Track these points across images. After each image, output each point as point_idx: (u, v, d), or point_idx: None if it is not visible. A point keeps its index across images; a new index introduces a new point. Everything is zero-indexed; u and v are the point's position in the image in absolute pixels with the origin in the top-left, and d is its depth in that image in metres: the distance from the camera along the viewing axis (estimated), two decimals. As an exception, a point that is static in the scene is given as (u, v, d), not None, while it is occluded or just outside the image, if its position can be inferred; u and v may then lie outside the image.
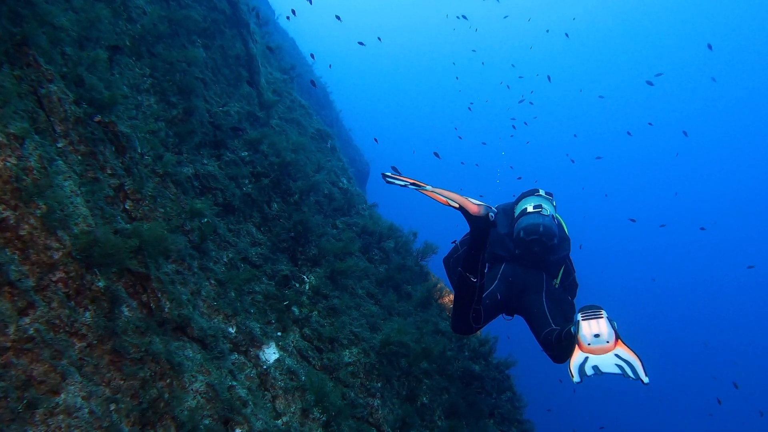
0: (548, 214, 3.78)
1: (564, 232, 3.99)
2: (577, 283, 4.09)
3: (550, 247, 3.74)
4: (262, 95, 5.95)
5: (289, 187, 5.01)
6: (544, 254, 3.75)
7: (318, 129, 7.00)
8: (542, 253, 3.74)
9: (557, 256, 3.86)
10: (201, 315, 3.42)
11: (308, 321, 4.02)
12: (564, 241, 3.93)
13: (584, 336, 2.85)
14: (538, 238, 3.67)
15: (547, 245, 3.71)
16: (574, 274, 4.06)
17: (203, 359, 3.17)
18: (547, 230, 3.66)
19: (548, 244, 3.71)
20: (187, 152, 4.30)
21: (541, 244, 3.70)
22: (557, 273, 3.91)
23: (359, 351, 4.02)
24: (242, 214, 4.44)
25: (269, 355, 3.67)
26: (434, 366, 4.62)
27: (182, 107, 4.41)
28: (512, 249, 3.89)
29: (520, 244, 3.79)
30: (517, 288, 3.75)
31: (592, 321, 2.90)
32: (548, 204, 3.92)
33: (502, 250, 3.93)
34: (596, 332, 2.83)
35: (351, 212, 5.95)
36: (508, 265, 3.85)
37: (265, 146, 5.22)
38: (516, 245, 3.83)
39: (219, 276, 3.75)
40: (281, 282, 4.17)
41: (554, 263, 3.87)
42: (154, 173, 3.67)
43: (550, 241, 3.71)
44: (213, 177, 4.33)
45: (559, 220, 4.04)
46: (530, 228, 3.68)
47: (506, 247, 3.92)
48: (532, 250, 3.74)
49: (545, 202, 3.91)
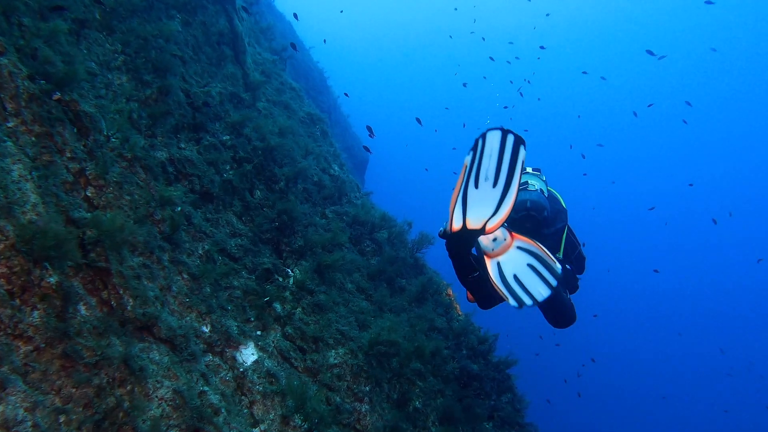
0: (535, 189, 3.78)
1: (559, 205, 3.96)
2: (584, 255, 4.05)
3: (542, 221, 3.70)
4: (247, 76, 5.66)
5: (274, 173, 4.75)
6: (538, 228, 3.73)
7: (309, 113, 6.71)
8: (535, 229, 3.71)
9: (552, 228, 3.83)
10: (171, 313, 3.18)
11: (291, 319, 3.79)
12: (559, 213, 3.90)
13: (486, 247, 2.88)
14: (527, 213, 3.66)
15: (537, 219, 3.67)
16: (580, 248, 4.01)
17: (171, 362, 2.93)
18: (534, 204, 3.64)
19: (538, 218, 3.67)
20: (161, 135, 4.03)
21: (532, 219, 3.68)
22: (558, 246, 3.86)
23: (346, 351, 3.79)
24: (222, 202, 4.18)
25: (247, 357, 3.44)
26: (428, 366, 4.39)
27: (157, 87, 4.13)
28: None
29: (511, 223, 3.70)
30: None
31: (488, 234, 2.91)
32: (535, 179, 3.93)
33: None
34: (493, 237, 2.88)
35: (342, 201, 5.69)
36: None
37: (249, 129, 4.95)
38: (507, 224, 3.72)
39: (193, 270, 3.50)
40: (262, 276, 3.93)
41: (551, 236, 3.83)
42: (121, 157, 3.41)
43: (540, 215, 3.67)
44: (190, 162, 4.07)
45: (553, 193, 4.05)
46: (518, 206, 3.65)
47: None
48: (525, 226, 3.69)
49: (532, 178, 3.93)
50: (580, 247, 3.99)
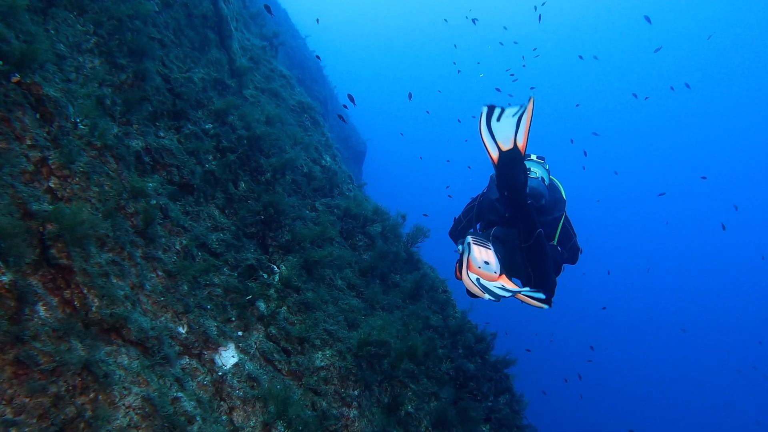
0: (537, 177, 3.88)
1: (559, 195, 4.03)
2: (580, 248, 4.12)
3: (539, 208, 3.77)
4: (233, 61, 5.43)
5: (260, 164, 4.53)
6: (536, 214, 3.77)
7: (300, 101, 6.47)
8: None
9: (549, 217, 3.90)
10: (143, 313, 2.99)
11: (275, 318, 3.59)
12: (557, 203, 3.98)
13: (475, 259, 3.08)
14: None
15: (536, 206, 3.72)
16: (576, 239, 4.08)
17: (141, 367, 2.74)
18: (533, 191, 3.73)
19: (536, 205, 3.73)
20: (137, 123, 3.81)
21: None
22: (554, 234, 3.93)
23: (333, 353, 3.59)
24: (203, 194, 3.97)
25: (227, 359, 3.25)
26: (422, 368, 4.21)
27: (132, 71, 3.90)
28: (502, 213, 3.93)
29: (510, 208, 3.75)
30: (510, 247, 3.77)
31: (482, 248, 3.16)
32: (538, 167, 4.00)
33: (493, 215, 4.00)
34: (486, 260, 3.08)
35: (333, 192, 5.48)
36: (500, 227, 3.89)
37: (234, 118, 4.73)
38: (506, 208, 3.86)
39: (169, 267, 3.30)
40: (246, 273, 3.73)
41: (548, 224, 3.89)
42: (89, 146, 3.20)
43: (538, 202, 3.75)
44: (168, 152, 3.85)
45: (554, 182, 4.12)
46: None
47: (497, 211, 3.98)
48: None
49: (535, 166, 4.00)
50: (575, 239, 4.06)
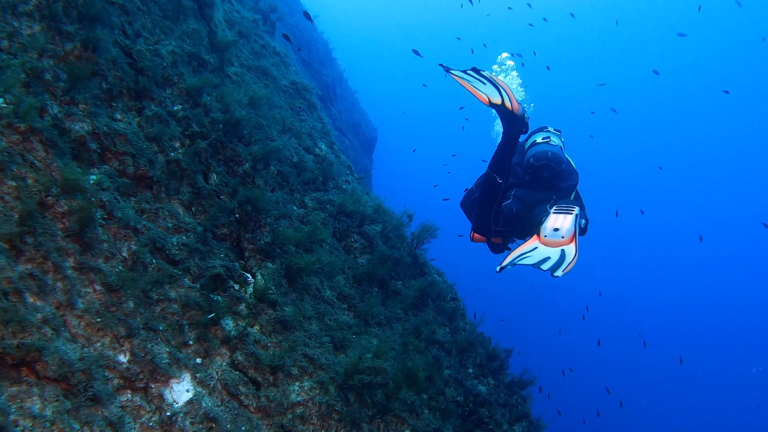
0: (556, 145, 4.17)
1: (572, 167, 4.31)
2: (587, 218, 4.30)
3: (559, 173, 4.08)
4: (214, 34, 4.83)
5: (237, 152, 3.95)
6: (554, 179, 4.10)
7: (294, 81, 5.86)
8: (551, 179, 4.09)
9: (566, 183, 4.18)
10: (71, 339, 2.44)
11: (244, 341, 3.03)
12: (572, 173, 4.27)
13: (545, 227, 3.22)
14: (547, 163, 4.02)
15: (555, 170, 4.05)
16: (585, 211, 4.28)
17: (59, 412, 2.19)
18: (555, 156, 4.03)
19: (557, 169, 4.05)
20: (84, 102, 3.25)
21: (550, 169, 4.05)
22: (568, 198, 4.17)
23: (313, 384, 3.02)
24: (164, 188, 3.41)
25: (179, 394, 2.69)
26: (423, 396, 3.62)
27: (80, 40, 3.33)
28: (523, 175, 4.24)
29: (530, 170, 4.14)
30: (529, 205, 4.07)
31: (560, 216, 3.30)
32: (556, 138, 4.32)
33: (513, 177, 4.27)
34: (557, 227, 3.20)
35: (327, 186, 4.88)
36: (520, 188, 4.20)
37: (211, 99, 4.15)
38: (526, 172, 4.22)
39: (111, 279, 2.75)
40: (211, 284, 3.17)
41: (564, 190, 4.16)
42: (11, 128, 2.64)
43: (559, 167, 4.05)
44: (122, 137, 3.29)
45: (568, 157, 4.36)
46: (539, 154, 4.06)
47: (517, 174, 4.27)
48: (542, 175, 4.08)
49: (554, 136, 4.31)
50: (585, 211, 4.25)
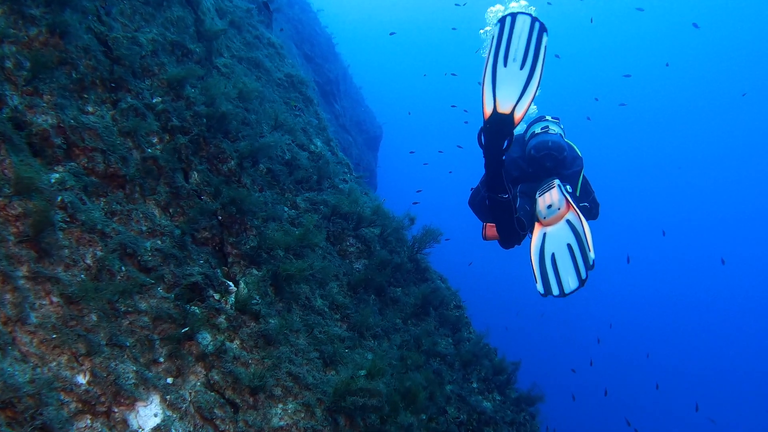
0: (556, 133, 4.15)
1: (575, 152, 4.28)
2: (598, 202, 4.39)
3: (561, 161, 4.05)
4: (202, 22, 4.55)
5: (222, 149, 3.68)
6: (557, 168, 4.06)
7: (289, 74, 5.58)
8: (554, 168, 4.05)
9: (570, 170, 4.16)
10: (20, 359, 2.17)
11: (221, 358, 2.75)
12: (576, 159, 4.23)
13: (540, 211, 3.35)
14: (548, 152, 4.00)
15: (558, 159, 4.02)
16: (594, 194, 4.37)
17: (-3, 446, 1.92)
18: (555, 145, 4.00)
19: (559, 158, 4.02)
20: (50, 93, 2.98)
21: (552, 159, 4.02)
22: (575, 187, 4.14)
23: (298, 407, 2.74)
24: (138, 188, 3.13)
25: (146, 419, 2.42)
26: (423, 417, 3.33)
27: (46, 24, 3.06)
28: (525, 168, 4.21)
29: (533, 162, 4.11)
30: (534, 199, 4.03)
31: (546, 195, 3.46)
32: (555, 126, 4.31)
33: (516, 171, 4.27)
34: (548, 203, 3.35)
35: (323, 185, 4.60)
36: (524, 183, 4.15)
37: (196, 91, 3.87)
38: (528, 164, 4.19)
39: (71, 289, 2.47)
40: (187, 294, 2.89)
41: (568, 177, 4.13)
42: (-43, 121, 2.36)
43: (560, 155, 4.03)
44: (91, 132, 3.02)
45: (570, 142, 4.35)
46: (540, 145, 4.03)
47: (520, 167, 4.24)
48: (545, 165, 4.05)
49: (552, 125, 4.30)
50: (593, 194, 4.35)
